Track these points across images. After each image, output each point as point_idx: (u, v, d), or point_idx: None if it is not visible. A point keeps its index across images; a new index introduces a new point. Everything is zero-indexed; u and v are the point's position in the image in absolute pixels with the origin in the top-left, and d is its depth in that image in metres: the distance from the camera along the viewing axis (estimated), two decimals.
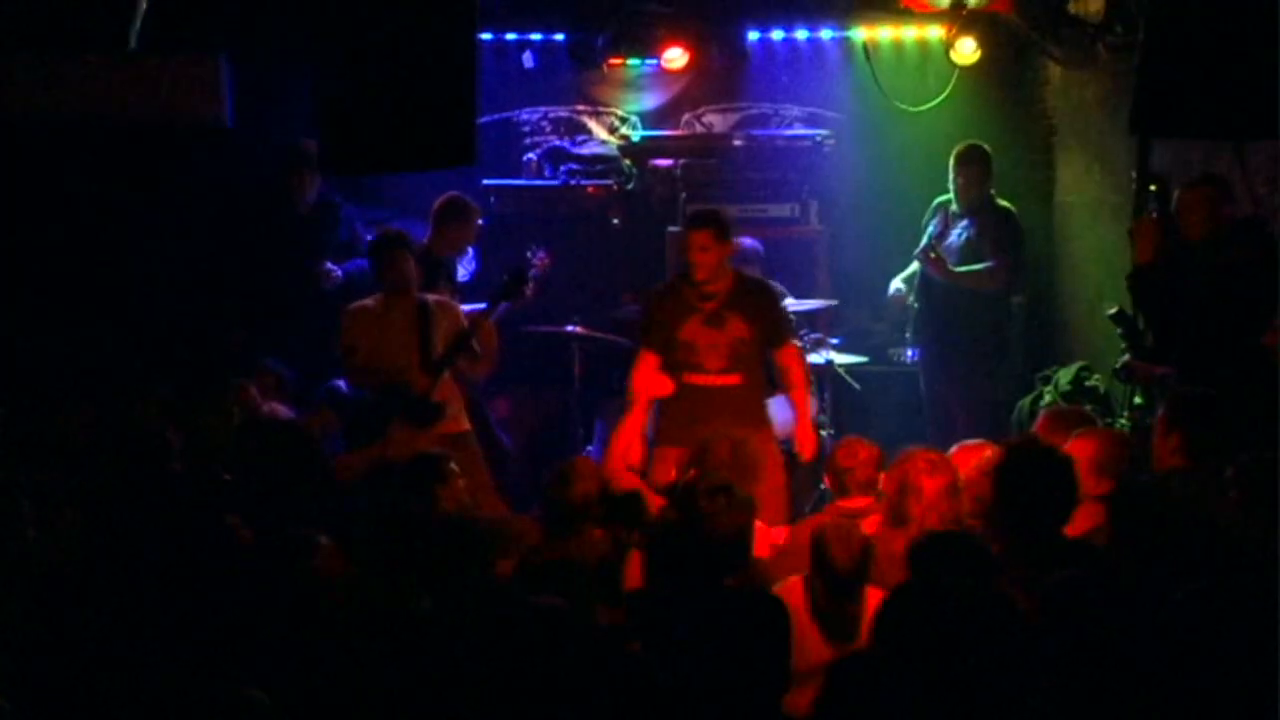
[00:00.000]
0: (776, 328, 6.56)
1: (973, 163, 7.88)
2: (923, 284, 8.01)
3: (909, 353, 8.20)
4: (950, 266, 7.83)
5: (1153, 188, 6.58)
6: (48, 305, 7.77)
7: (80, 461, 5.30)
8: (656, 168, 8.91)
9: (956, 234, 7.95)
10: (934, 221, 8.02)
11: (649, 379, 6.41)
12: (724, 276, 6.46)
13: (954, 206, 7.97)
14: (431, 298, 6.94)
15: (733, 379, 6.48)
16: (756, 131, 8.96)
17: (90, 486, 4.93)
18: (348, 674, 3.61)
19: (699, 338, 6.46)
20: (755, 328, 6.47)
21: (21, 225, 7.77)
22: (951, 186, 7.95)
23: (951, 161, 7.92)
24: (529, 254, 7.87)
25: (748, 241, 8.03)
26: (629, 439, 6.32)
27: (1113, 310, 6.63)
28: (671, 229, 8.72)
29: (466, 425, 6.90)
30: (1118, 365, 6.70)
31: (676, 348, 6.45)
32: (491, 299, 6.97)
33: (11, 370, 7.02)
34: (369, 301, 6.95)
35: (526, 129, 9.18)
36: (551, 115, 9.19)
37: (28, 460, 5.32)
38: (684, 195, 8.74)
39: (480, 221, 7.87)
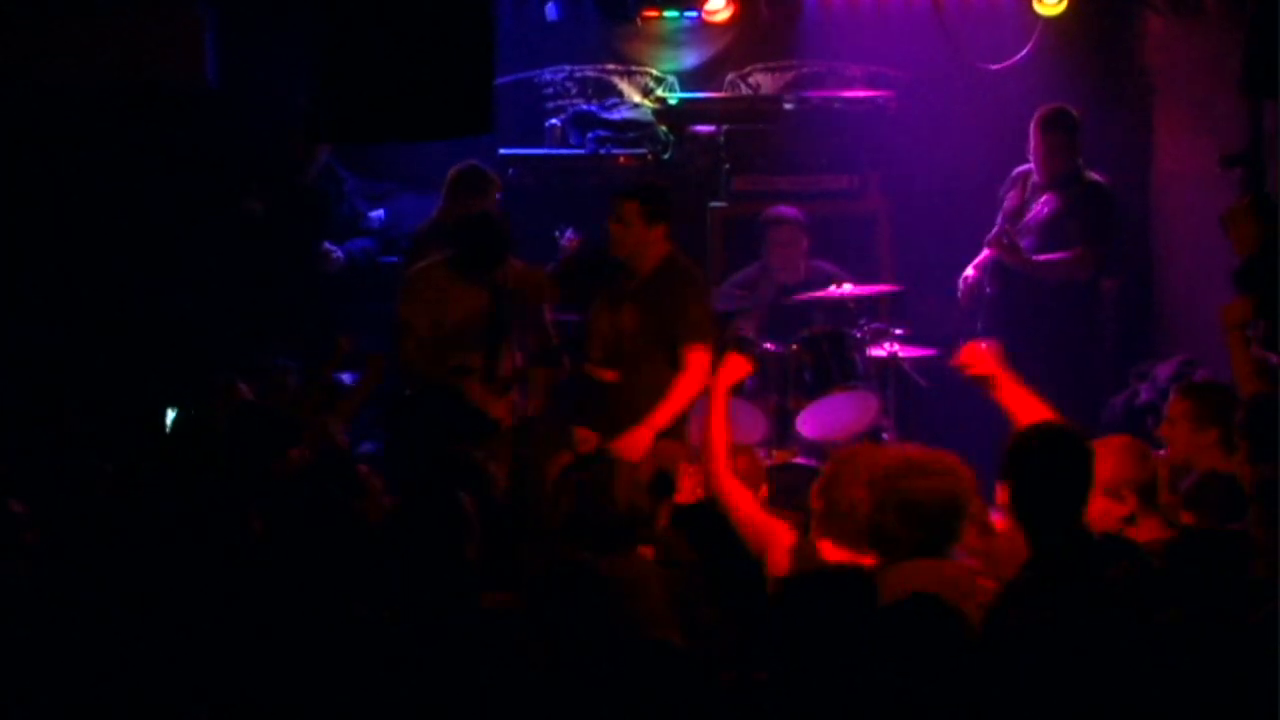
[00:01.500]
0: (677, 325, 6.47)
1: (1058, 128, 7.85)
2: (997, 264, 8.01)
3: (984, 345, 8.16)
4: (1026, 255, 7.80)
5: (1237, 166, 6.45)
6: (12, 296, 7.87)
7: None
8: (697, 135, 8.93)
9: (1038, 209, 7.93)
10: (1011, 195, 8.01)
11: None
12: (648, 258, 6.49)
13: (1035, 178, 7.96)
14: (513, 267, 6.87)
15: (608, 374, 6.53)
16: (810, 93, 8.99)
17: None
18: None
19: (595, 320, 6.60)
20: (647, 321, 6.44)
21: None
22: (1033, 155, 7.93)
23: (1033, 127, 7.90)
24: (556, 234, 7.90)
25: (786, 211, 8.16)
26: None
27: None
28: (714, 204, 8.79)
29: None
30: None
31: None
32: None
33: None
34: (436, 265, 6.83)
35: (549, 91, 9.21)
36: (578, 75, 9.22)
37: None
38: (728, 166, 8.78)
39: (498, 196, 7.95)
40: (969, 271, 8.11)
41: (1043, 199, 7.92)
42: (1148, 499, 5.00)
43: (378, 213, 8.47)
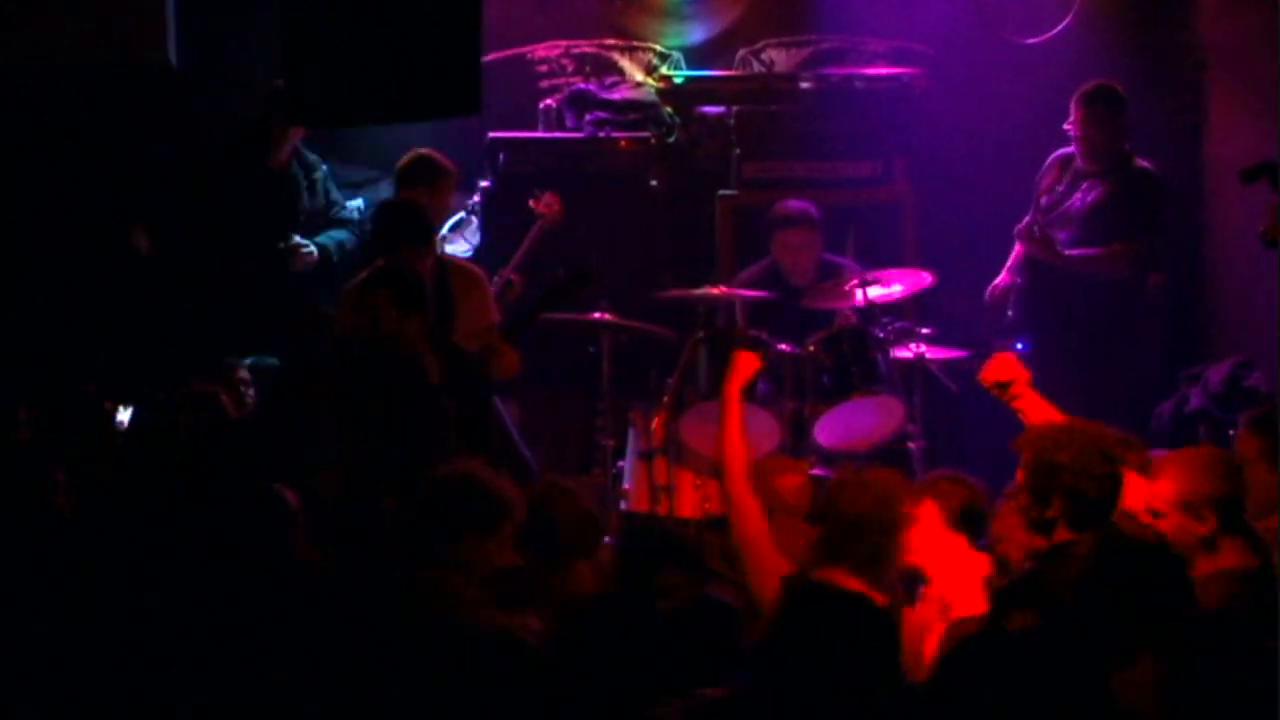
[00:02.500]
0: None
1: (1102, 107, 7.83)
2: (1030, 257, 8.01)
3: (1019, 345, 8.02)
4: (1059, 249, 7.76)
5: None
6: None
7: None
8: (704, 117, 8.92)
9: (1079, 197, 7.90)
10: (1047, 181, 7.96)
11: None
12: None
13: (1078, 163, 7.93)
14: (452, 256, 6.98)
15: None
16: (829, 71, 9.02)
17: None
18: None
19: None
20: None
21: None
22: (1074, 136, 7.90)
23: (1075, 104, 7.87)
24: (531, 201, 7.91)
25: (797, 208, 8.13)
26: None
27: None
28: (723, 193, 8.78)
29: None
30: None
31: None
32: (533, 304, 7.01)
33: None
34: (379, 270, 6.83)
35: (543, 69, 9.22)
36: (574, 51, 9.23)
37: None
38: (738, 151, 8.76)
39: (478, 189, 8.09)
40: (1000, 278, 8.09)
41: (1085, 185, 7.89)
42: (1231, 519, 4.89)
43: (356, 202, 8.45)
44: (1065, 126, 7.87)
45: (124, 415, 6.39)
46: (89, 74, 7.94)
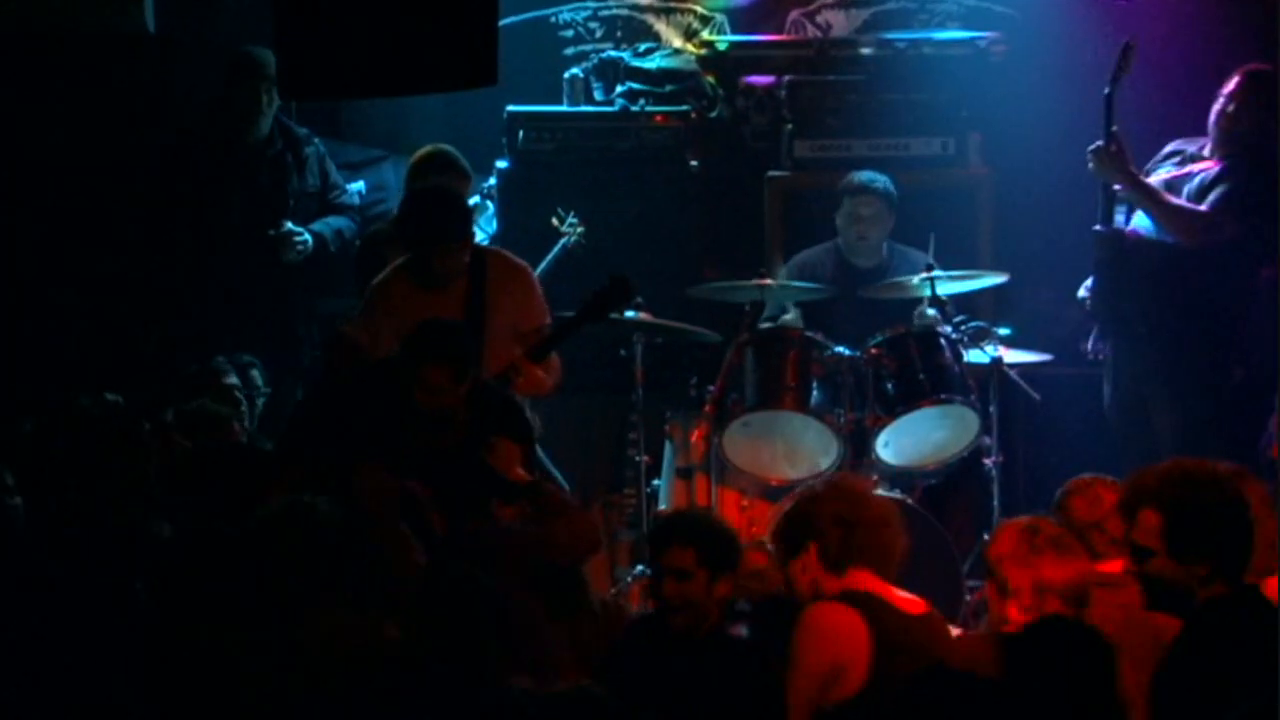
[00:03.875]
0: None
1: (1261, 93, 7.58)
2: (1109, 240, 7.77)
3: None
4: (1138, 173, 7.57)
5: None
6: None
7: None
8: (752, 88, 8.94)
9: (1197, 181, 7.73)
10: (1162, 170, 7.81)
11: None
12: None
13: (1194, 149, 7.77)
14: (497, 261, 6.99)
15: None
16: (894, 35, 9.03)
17: None
18: None
19: None
20: None
21: None
22: (1217, 113, 7.66)
23: (1236, 82, 7.61)
24: (558, 220, 7.97)
25: (872, 178, 8.17)
26: None
27: None
28: (772, 174, 8.79)
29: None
30: None
31: None
32: (565, 321, 7.06)
33: None
34: (405, 264, 6.93)
35: (568, 34, 9.25)
36: (603, 14, 9.28)
37: None
38: (790, 127, 8.78)
39: (494, 171, 8.16)
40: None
41: (1201, 167, 7.74)
42: None
43: (357, 184, 8.48)
44: (1220, 96, 7.67)
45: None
46: (62, 41, 8.03)
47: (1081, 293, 7.89)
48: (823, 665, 4.91)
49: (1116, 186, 7.67)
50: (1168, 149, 7.88)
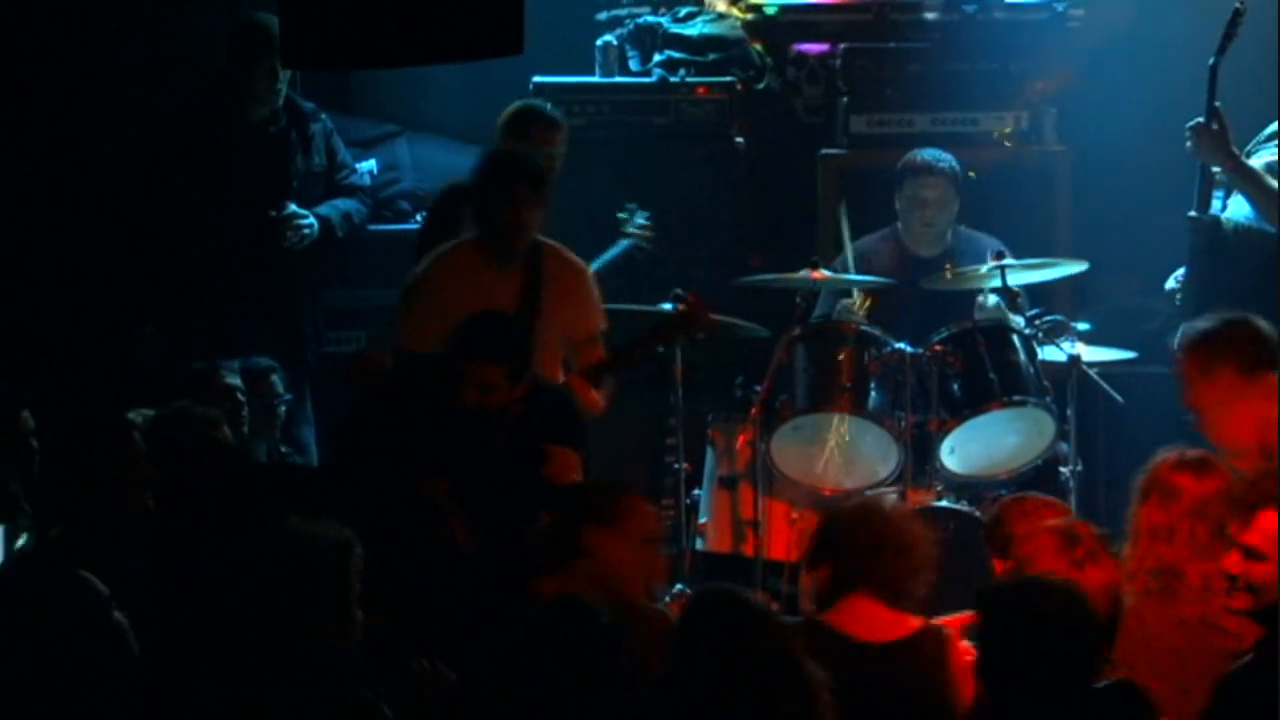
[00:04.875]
0: None
1: None
2: (1205, 228, 7.66)
3: None
4: (1236, 153, 7.47)
5: None
6: None
7: None
8: (804, 57, 8.98)
9: None
10: (1266, 147, 7.72)
11: None
12: None
13: None
14: (556, 258, 7.10)
15: None
16: None
17: None
18: None
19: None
20: None
21: None
22: None
23: None
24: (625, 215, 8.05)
25: (935, 157, 8.14)
26: None
27: None
28: (827, 151, 8.78)
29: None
30: None
31: None
32: (634, 343, 7.22)
33: None
34: (447, 253, 7.07)
35: None
36: None
37: None
38: (846, 100, 8.82)
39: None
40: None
41: None
42: None
43: (368, 164, 8.51)
44: None
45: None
46: (43, 11, 8.11)
47: (1171, 284, 7.81)
48: None
49: (1216, 169, 7.60)
50: (1271, 128, 7.80)
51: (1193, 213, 7.67)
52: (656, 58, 8.92)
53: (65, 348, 8.19)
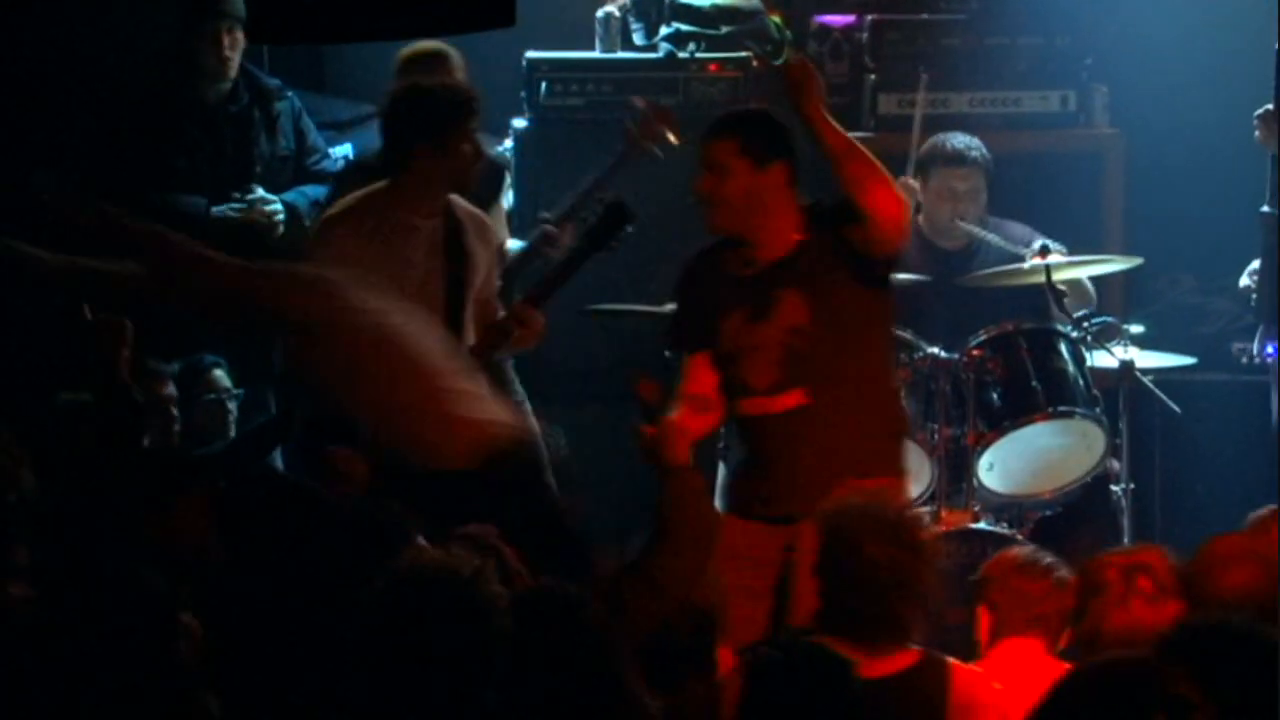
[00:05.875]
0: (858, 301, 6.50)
1: None
2: (1274, 224, 7.81)
3: (1271, 348, 8.09)
4: None
5: None
6: None
7: None
8: (826, 30, 9.01)
9: None
10: None
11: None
12: (774, 223, 6.46)
13: None
14: (462, 207, 7.05)
15: (791, 399, 6.45)
16: None
17: None
18: None
19: (740, 336, 6.54)
20: (820, 305, 6.42)
21: None
22: None
23: None
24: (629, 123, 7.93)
25: (963, 144, 8.16)
26: None
27: None
28: (853, 134, 8.54)
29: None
30: None
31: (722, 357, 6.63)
32: (571, 257, 7.15)
33: None
34: (351, 203, 6.98)
35: None
36: None
37: None
38: (873, 78, 8.87)
39: (510, 131, 8.27)
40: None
41: None
42: None
43: (342, 148, 8.51)
44: None
45: None
46: None
47: (1245, 280, 7.90)
48: None
49: None
50: None
51: (1266, 208, 7.72)
52: (663, 31, 8.88)
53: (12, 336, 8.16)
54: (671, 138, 7.93)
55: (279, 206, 7.97)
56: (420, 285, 6.85)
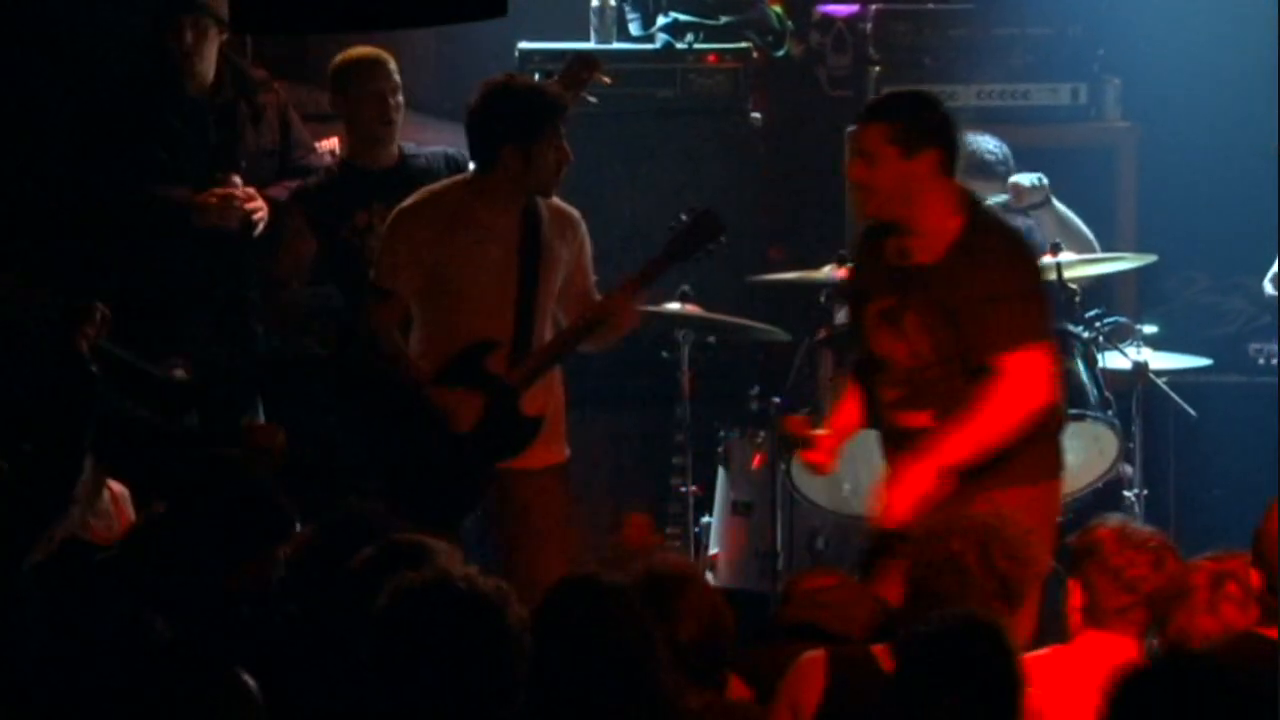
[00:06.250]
0: (991, 320, 6.33)
1: None
2: None
3: None
4: None
5: None
6: None
7: None
8: (829, 19, 9.06)
9: None
10: None
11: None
12: (926, 213, 6.39)
13: None
14: (543, 203, 7.24)
15: (916, 419, 6.43)
16: None
17: None
18: None
19: (880, 341, 6.51)
20: (948, 325, 6.35)
21: None
22: None
23: None
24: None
25: (985, 141, 8.21)
26: None
27: None
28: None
29: (565, 452, 7.24)
30: None
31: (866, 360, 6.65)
32: (660, 258, 7.19)
33: None
34: (428, 195, 7.23)
35: None
36: None
37: None
38: (877, 69, 8.89)
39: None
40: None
41: None
42: None
43: (328, 143, 8.45)
44: None
45: None
46: None
47: (1270, 289, 8.04)
48: (781, 703, 5.28)
49: None
50: None
51: None
52: (661, 21, 8.91)
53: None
54: (605, 79, 8.02)
55: (261, 203, 7.91)
56: (495, 280, 7.03)
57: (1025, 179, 8.25)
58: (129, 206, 8.08)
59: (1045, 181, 8.27)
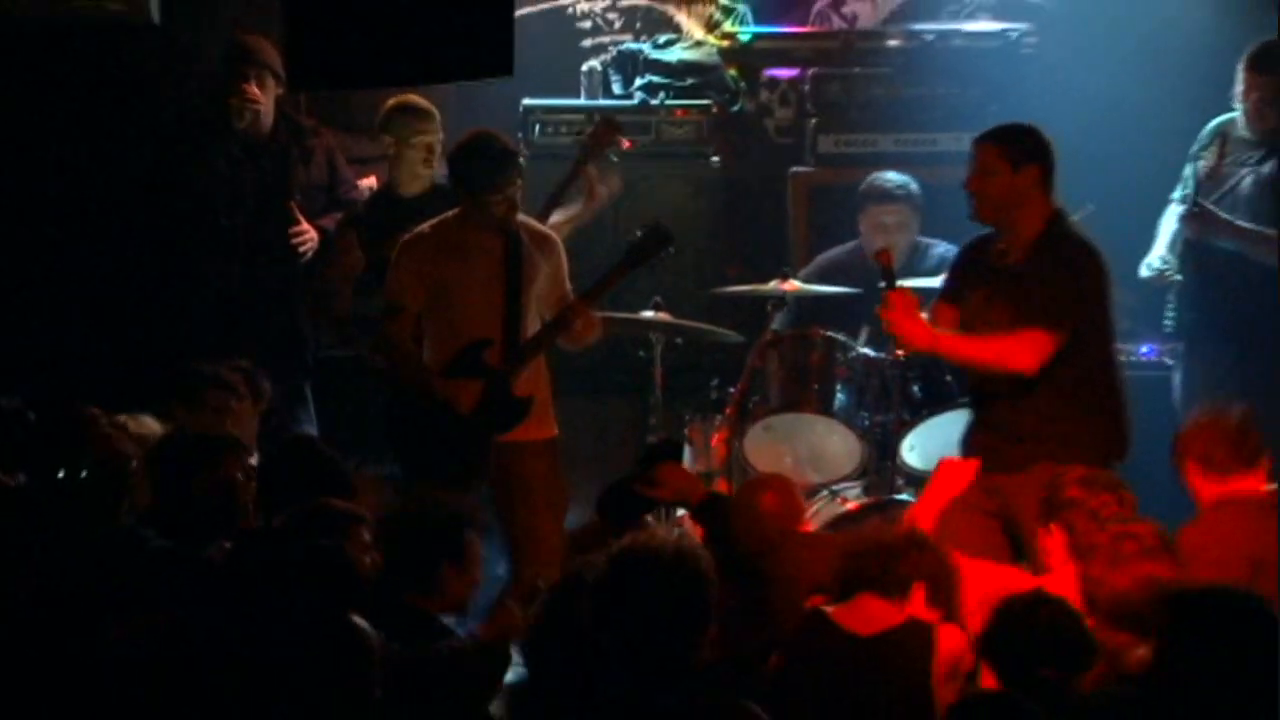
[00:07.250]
0: (1033, 298, 6.58)
1: (1276, 70, 8.01)
2: (1190, 248, 8.24)
3: (1143, 348, 8.43)
4: (1230, 221, 7.99)
5: None
6: None
7: None
8: (775, 81, 9.42)
9: (1247, 175, 8.13)
10: (1205, 155, 8.19)
11: None
12: (1022, 218, 6.69)
13: (1242, 132, 8.20)
14: (526, 223, 7.48)
15: (995, 389, 6.74)
16: (922, 26, 9.42)
17: None
18: None
19: (978, 328, 6.77)
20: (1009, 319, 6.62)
21: None
22: (1240, 105, 8.13)
23: (1241, 67, 8.10)
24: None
25: (893, 181, 8.53)
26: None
27: None
28: (796, 170, 9.27)
29: (555, 430, 7.59)
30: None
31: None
32: (619, 266, 7.42)
33: None
34: (427, 229, 7.46)
35: (586, 24, 9.69)
36: (621, 4, 9.67)
37: None
38: (814, 121, 9.27)
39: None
40: (1154, 262, 8.31)
41: (1253, 159, 8.14)
42: None
43: (368, 181, 8.71)
44: (1236, 91, 8.10)
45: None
46: (65, 30, 8.52)
47: (1145, 269, 8.23)
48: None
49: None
50: (1209, 128, 8.23)
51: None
52: (638, 81, 9.29)
53: (65, 354, 8.46)
54: (624, 142, 8.43)
55: (311, 232, 8.24)
56: (485, 291, 7.39)
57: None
58: (195, 228, 8.29)
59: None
